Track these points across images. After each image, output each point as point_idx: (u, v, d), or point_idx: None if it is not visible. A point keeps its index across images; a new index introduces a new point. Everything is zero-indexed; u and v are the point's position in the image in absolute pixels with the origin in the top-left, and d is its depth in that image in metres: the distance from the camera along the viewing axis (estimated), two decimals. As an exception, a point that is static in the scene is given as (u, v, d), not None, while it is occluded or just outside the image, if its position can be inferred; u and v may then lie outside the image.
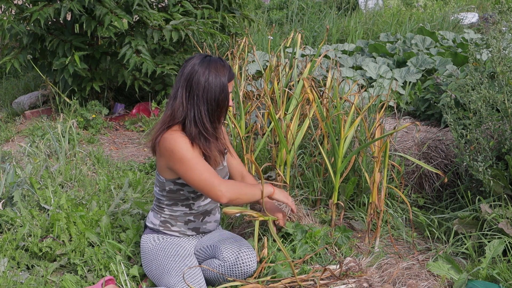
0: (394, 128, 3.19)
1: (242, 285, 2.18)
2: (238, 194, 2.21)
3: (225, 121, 2.95)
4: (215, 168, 2.30)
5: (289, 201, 2.42)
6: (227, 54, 4.43)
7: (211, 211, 2.43)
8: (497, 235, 2.49)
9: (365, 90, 3.92)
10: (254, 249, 2.34)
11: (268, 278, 2.26)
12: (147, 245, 2.36)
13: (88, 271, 2.47)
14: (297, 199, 3.05)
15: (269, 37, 5.22)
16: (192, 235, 2.42)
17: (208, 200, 2.36)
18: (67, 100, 5.05)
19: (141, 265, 2.44)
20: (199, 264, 2.34)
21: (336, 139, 2.85)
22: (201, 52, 4.60)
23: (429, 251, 2.69)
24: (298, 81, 3.30)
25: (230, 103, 2.29)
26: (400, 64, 4.46)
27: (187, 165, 2.17)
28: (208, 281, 2.30)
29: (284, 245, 2.50)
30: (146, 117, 5.16)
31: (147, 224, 2.44)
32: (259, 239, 2.45)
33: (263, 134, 3.22)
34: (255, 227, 2.35)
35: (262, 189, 2.25)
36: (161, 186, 2.33)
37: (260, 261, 2.37)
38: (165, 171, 2.27)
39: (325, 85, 3.63)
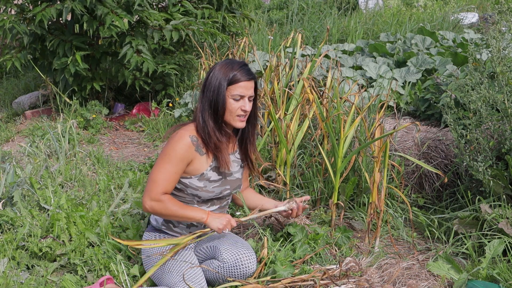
0: (394, 128, 3.19)
1: (242, 285, 2.18)
2: (162, 214, 2.23)
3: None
4: (223, 172, 2.30)
5: (228, 226, 2.26)
6: (228, 54, 4.44)
7: None
8: (497, 235, 2.49)
9: (365, 90, 3.92)
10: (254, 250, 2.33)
11: (268, 278, 2.26)
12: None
13: (88, 271, 2.47)
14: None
15: (269, 37, 5.22)
16: (193, 238, 2.41)
17: (215, 207, 2.35)
18: (67, 100, 5.05)
19: (141, 265, 2.43)
20: (200, 263, 2.34)
21: (336, 139, 2.85)
22: (201, 52, 4.61)
23: (429, 251, 2.68)
24: (298, 81, 3.30)
25: (231, 106, 2.19)
26: (400, 64, 4.46)
27: (161, 157, 2.21)
28: (208, 281, 2.30)
29: (284, 245, 2.50)
30: (146, 117, 5.16)
31: (151, 220, 2.44)
32: (259, 239, 2.45)
33: (263, 134, 3.22)
34: None
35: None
36: None
37: (260, 261, 2.37)
38: None
39: (325, 85, 3.63)
